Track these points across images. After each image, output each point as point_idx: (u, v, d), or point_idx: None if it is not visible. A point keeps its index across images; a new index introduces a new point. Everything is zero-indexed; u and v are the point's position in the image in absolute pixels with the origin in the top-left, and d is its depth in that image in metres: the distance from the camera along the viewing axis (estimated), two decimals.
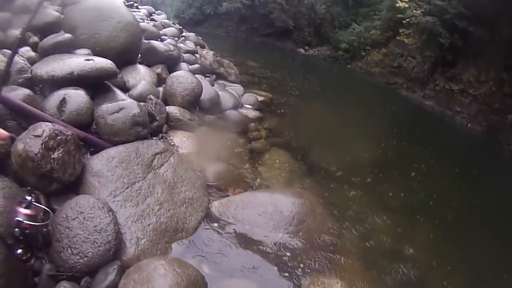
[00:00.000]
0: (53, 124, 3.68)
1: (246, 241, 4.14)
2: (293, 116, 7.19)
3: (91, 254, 3.30)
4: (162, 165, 4.42)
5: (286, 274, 3.90)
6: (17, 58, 4.31)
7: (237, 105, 6.98)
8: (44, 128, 3.54)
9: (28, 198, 3.08)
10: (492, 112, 9.06)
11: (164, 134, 5.28)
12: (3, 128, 2.87)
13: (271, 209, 4.43)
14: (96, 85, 4.83)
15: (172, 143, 5.12)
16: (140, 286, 3.11)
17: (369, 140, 6.64)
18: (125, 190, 3.95)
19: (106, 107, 4.40)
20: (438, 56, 9.53)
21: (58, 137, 3.60)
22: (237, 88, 8.17)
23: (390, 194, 5.64)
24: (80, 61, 4.62)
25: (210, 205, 4.47)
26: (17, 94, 3.97)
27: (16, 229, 2.95)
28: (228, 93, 7.32)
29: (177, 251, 3.83)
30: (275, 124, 6.86)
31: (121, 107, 4.44)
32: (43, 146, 3.45)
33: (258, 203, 4.49)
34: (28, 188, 3.35)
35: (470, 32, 9.38)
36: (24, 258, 3.05)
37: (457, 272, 4.49)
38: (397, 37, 11.01)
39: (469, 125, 8.03)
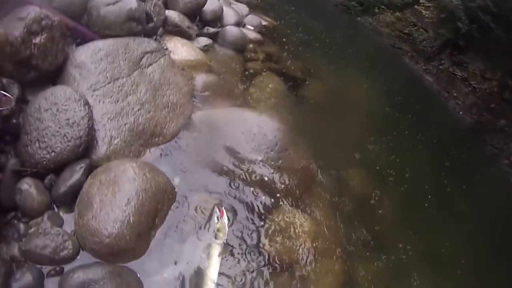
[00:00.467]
0: (41, 8, 3.33)
1: (223, 157, 3.98)
2: (293, 49, 6.76)
3: (59, 149, 3.12)
4: (150, 64, 4.17)
5: (257, 199, 3.77)
6: None
7: (240, 24, 6.52)
8: (30, 11, 3.23)
9: None
10: (486, 110, 8.85)
11: (158, 37, 4.94)
12: None
13: (255, 129, 4.21)
14: None
15: (165, 47, 4.76)
16: (106, 188, 2.97)
17: (360, 94, 6.31)
18: (107, 85, 3.72)
19: None
20: (451, 38, 9.02)
21: (44, 22, 3.31)
22: (242, 7, 7.52)
23: (369, 147, 5.40)
24: None
25: (193, 114, 4.24)
26: None
27: None
28: (233, 9, 6.81)
29: (150, 156, 3.69)
30: (274, 51, 6.44)
31: None
32: (25, 30, 3.16)
33: (243, 121, 4.27)
34: None
35: (490, 27, 8.85)
36: None
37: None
38: (416, 6, 10.33)
39: (460, 112, 7.76)
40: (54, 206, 3.10)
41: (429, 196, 4.94)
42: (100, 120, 3.49)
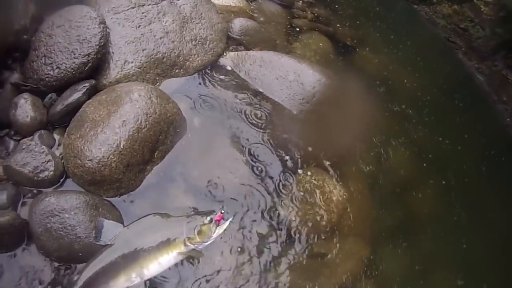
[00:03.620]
0: None
1: (250, 101, 3.14)
2: (345, 17, 5.50)
3: (64, 65, 2.48)
4: None
5: (283, 151, 2.92)
6: None
7: None
8: None
9: None
10: None
11: None
12: None
13: (292, 76, 3.27)
14: None
15: None
16: (103, 108, 2.22)
17: (410, 79, 4.98)
18: (129, 10, 2.98)
19: None
20: (508, 39, 7.56)
21: None
22: None
23: (414, 131, 4.16)
24: None
25: (224, 53, 3.40)
26: None
27: None
28: None
29: (166, 86, 2.90)
30: (324, 13, 5.25)
31: None
32: None
33: (280, 66, 3.33)
34: None
35: None
36: None
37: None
38: (475, 0, 8.89)
39: (508, 119, 6.39)
40: (50, 126, 2.44)
41: (470, 196, 3.80)
42: (116, 43, 2.79)
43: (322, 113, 3.22)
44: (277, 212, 2.58)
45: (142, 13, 2.99)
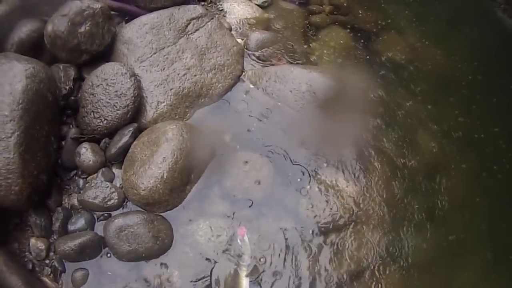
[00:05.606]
0: (82, 0, 4.20)
1: (268, 116, 4.54)
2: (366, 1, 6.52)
3: (110, 117, 4.00)
4: (197, 30, 4.85)
5: (303, 159, 4.28)
6: None
7: None
8: (71, 7, 4.09)
9: None
10: None
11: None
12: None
13: (304, 87, 4.65)
14: None
15: (220, 8, 5.46)
16: (147, 148, 3.80)
17: (441, 52, 5.89)
18: (152, 56, 4.50)
19: None
20: None
21: (85, 12, 4.15)
22: None
23: (447, 116, 5.08)
24: None
25: (243, 73, 4.86)
26: None
27: None
28: None
29: (196, 116, 4.42)
30: (343, 1, 6.40)
31: None
32: (69, 24, 4.03)
33: (293, 79, 4.72)
34: None
35: None
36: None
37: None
38: None
39: None
40: (109, 164, 4.05)
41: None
42: (147, 88, 4.31)
43: (335, 114, 4.57)
44: (296, 206, 4.00)
45: (164, 56, 4.57)
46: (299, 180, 4.16)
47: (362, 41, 5.69)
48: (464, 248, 4.01)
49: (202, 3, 5.50)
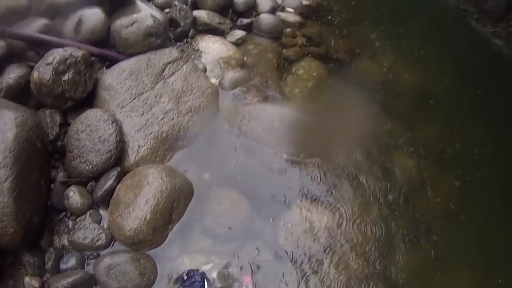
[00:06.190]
0: (64, 49, 4.82)
1: (244, 154, 5.18)
2: (339, 27, 7.26)
3: (95, 162, 4.61)
4: (173, 73, 5.54)
5: (278, 193, 4.84)
6: None
7: (276, 9, 7.44)
8: (55, 55, 4.68)
9: None
10: None
11: (189, 39, 6.36)
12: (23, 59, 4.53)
13: (276, 124, 5.36)
14: None
15: (196, 48, 6.19)
16: (130, 191, 4.46)
17: (418, 68, 6.65)
18: (132, 101, 5.16)
19: (120, 22, 5.56)
20: None
21: (68, 61, 4.76)
22: None
23: (421, 134, 5.81)
24: None
25: (218, 113, 5.56)
26: (33, 26, 5.19)
27: None
28: None
29: (174, 159, 5.06)
30: (315, 32, 7.08)
31: (134, 20, 5.56)
32: (53, 72, 4.63)
33: (265, 117, 5.44)
34: None
35: None
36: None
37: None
38: None
39: None
40: (96, 206, 4.66)
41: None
42: (129, 132, 4.95)
43: (308, 148, 5.24)
44: (276, 238, 4.64)
45: (143, 101, 5.26)
46: (276, 213, 4.77)
47: (335, 70, 6.41)
48: (448, 269, 4.48)
49: (179, 43, 6.28)
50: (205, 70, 5.97)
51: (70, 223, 4.57)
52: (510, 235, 4.79)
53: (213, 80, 5.91)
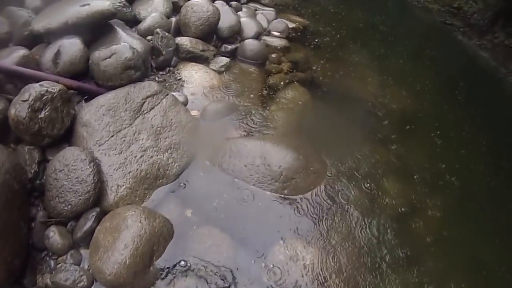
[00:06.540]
0: (41, 84, 4.96)
1: (225, 192, 5.35)
2: (326, 50, 7.53)
3: (74, 202, 4.75)
4: (152, 108, 5.69)
5: (259, 232, 4.95)
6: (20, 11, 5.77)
7: (261, 33, 7.72)
8: (31, 92, 4.81)
9: None
10: None
11: (171, 68, 6.53)
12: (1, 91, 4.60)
13: (258, 161, 5.52)
14: (97, 28, 6.13)
15: (178, 77, 6.36)
16: (109, 235, 4.59)
17: (405, 89, 6.94)
18: (110, 139, 5.29)
19: (98, 53, 5.69)
20: (503, 7, 9.49)
21: (44, 97, 4.89)
22: (268, 13, 8.74)
23: (409, 158, 6.09)
24: (75, 9, 5.86)
25: (197, 150, 5.69)
26: (12, 56, 5.36)
27: None
28: (254, 20, 7.99)
29: (154, 198, 5.20)
30: (301, 56, 7.33)
31: (113, 52, 5.69)
32: (29, 110, 4.76)
33: (247, 153, 5.59)
34: None
35: None
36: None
37: None
38: None
39: None
40: (76, 245, 4.79)
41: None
42: (107, 172, 5.08)
43: (291, 185, 5.43)
44: (260, 280, 4.77)
45: (121, 138, 5.37)
46: (260, 250, 4.91)
47: (321, 96, 6.65)
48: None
49: (161, 72, 6.46)
50: (186, 103, 6.13)
51: (52, 262, 4.69)
52: (501, 257, 5.01)
53: (194, 112, 6.07)
